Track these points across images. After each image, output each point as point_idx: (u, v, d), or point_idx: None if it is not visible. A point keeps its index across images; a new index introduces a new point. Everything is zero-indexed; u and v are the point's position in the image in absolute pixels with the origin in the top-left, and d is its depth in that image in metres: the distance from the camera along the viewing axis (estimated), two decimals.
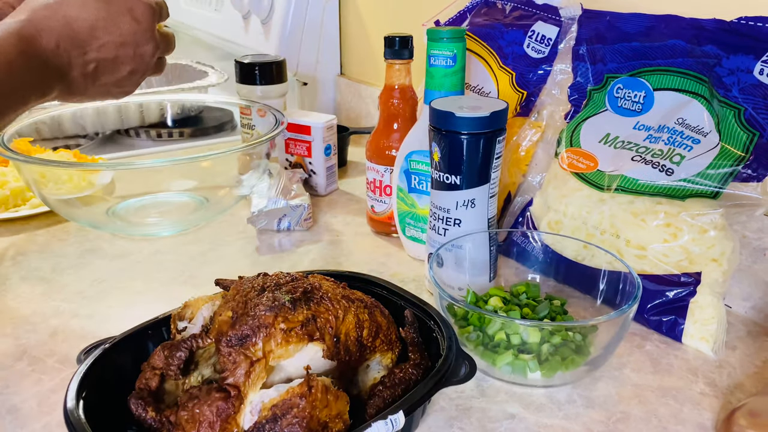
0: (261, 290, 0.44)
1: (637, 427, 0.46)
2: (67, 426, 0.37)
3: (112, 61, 0.54)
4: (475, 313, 0.51)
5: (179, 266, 0.70)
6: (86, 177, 0.77)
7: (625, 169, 0.58)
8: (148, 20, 0.55)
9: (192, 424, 0.37)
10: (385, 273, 0.68)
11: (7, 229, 0.78)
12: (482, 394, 0.49)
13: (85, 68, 0.53)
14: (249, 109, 0.89)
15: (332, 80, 1.28)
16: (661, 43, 0.60)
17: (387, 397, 0.42)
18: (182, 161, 0.68)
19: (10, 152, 0.67)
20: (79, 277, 0.67)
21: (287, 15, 1.16)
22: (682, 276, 0.55)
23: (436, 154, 0.58)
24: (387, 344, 0.46)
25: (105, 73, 0.55)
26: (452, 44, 0.59)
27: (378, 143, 0.74)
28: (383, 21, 1.13)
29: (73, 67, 0.53)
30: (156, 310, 0.50)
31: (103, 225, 0.78)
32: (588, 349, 0.49)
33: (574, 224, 0.61)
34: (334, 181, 0.93)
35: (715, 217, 0.53)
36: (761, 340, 0.56)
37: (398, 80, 0.72)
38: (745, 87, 0.54)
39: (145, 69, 0.58)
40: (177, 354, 0.42)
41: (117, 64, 0.55)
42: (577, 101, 0.67)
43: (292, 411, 0.37)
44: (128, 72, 0.56)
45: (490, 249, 0.60)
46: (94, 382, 0.42)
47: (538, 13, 0.73)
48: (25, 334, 0.57)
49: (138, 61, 0.56)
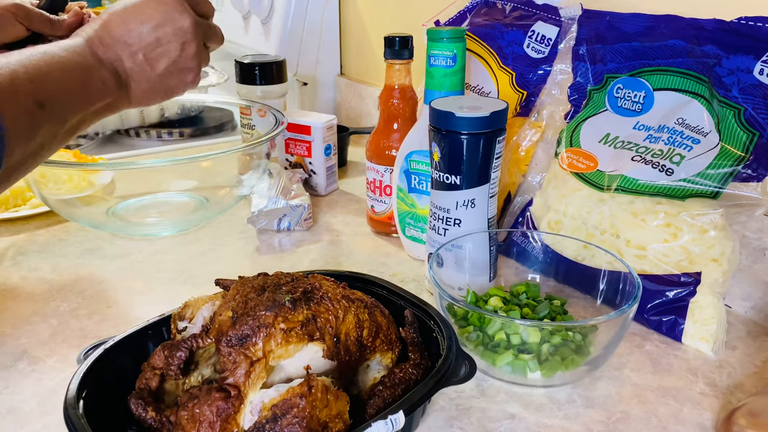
0: (261, 290, 0.44)
1: (637, 427, 0.46)
2: (67, 426, 0.37)
3: (155, 44, 0.56)
4: (475, 313, 0.51)
5: (179, 266, 0.70)
6: (86, 177, 0.77)
7: (625, 169, 0.58)
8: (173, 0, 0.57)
9: (192, 424, 0.37)
10: (385, 273, 0.68)
11: (7, 229, 0.79)
12: (482, 394, 0.49)
13: (135, 59, 0.55)
14: (249, 109, 0.89)
15: (332, 80, 1.28)
16: (661, 43, 0.60)
17: (387, 397, 0.42)
18: (182, 161, 0.69)
19: None
20: (79, 277, 0.67)
21: (287, 15, 1.16)
22: (682, 276, 0.55)
23: (436, 154, 0.58)
24: (387, 344, 0.46)
25: (156, 58, 0.56)
26: (452, 44, 0.59)
27: (378, 143, 0.74)
28: (383, 21, 1.13)
29: (124, 59, 0.55)
30: (156, 310, 0.50)
31: (103, 225, 0.78)
32: (588, 349, 0.49)
33: (574, 224, 0.61)
34: (334, 181, 0.93)
35: (715, 217, 0.53)
36: (761, 340, 0.56)
37: (398, 80, 0.72)
38: (745, 87, 0.54)
39: (195, 43, 0.58)
40: (177, 354, 0.42)
41: (163, 45, 0.56)
42: (577, 101, 0.67)
43: (292, 411, 0.37)
44: (179, 50, 0.57)
45: (490, 249, 0.60)
46: (94, 382, 0.42)
47: (538, 13, 0.73)
48: (25, 334, 0.57)
49: (182, 36, 0.57)
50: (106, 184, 0.80)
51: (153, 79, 0.57)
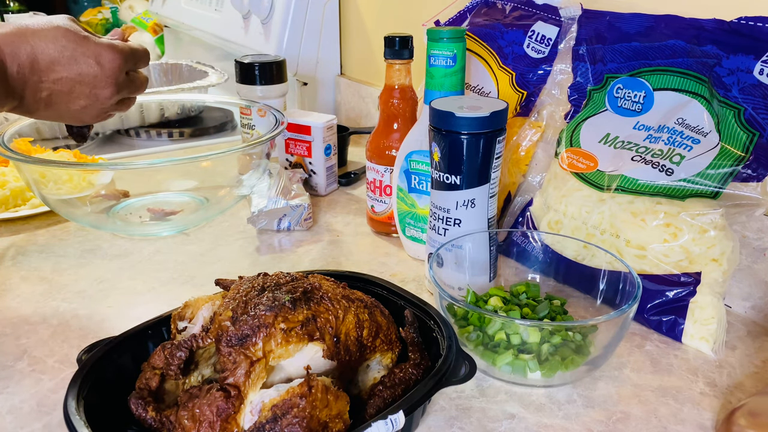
0: (261, 290, 0.44)
1: (637, 427, 0.46)
2: (67, 426, 0.37)
3: (66, 94, 0.57)
4: (475, 313, 0.50)
5: (179, 266, 0.70)
6: (86, 177, 0.77)
7: (625, 169, 0.58)
8: (113, 69, 0.58)
9: (192, 424, 0.37)
10: (385, 273, 0.68)
11: (7, 229, 0.79)
12: (482, 394, 0.49)
13: (38, 94, 0.56)
14: (249, 109, 0.89)
15: (332, 80, 1.28)
16: (661, 43, 0.60)
17: (387, 397, 0.42)
18: (182, 161, 0.68)
19: (10, 152, 0.67)
20: (79, 277, 0.67)
21: (287, 15, 1.16)
22: (682, 276, 0.55)
23: (436, 154, 0.58)
24: (387, 344, 0.46)
25: (58, 102, 0.57)
26: (452, 44, 0.59)
27: (378, 143, 0.74)
28: (383, 21, 1.13)
29: (27, 90, 0.55)
30: (156, 310, 0.50)
31: (103, 225, 0.78)
32: (588, 349, 0.49)
33: (574, 224, 0.61)
34: (334, 181, 0.93)
35: (715, 217, 0.53)
36: (761, 340, 0.56)
37: (398, 80, 0.72)
38: (745, 87, 0.54)
39: (101, 107, 0.60)
40: (177, 354, 0.42)
41: (71, 98, 0.57)
42: (577, 101, 0.67)
43: (292, 411, 0.37)
44: (81, 107, 0.59)
45: (490, 249, 0.60)
46: (94, 382, 0.42)
47: (538, 13, 0.73)
48: (25, 334, 0.57)
49: (93, 100, 0.59)
50: (106, 184, 0.80)
51: (40, 111, 0.58)
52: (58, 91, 0.56)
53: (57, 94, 0.56)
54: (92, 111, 0.60)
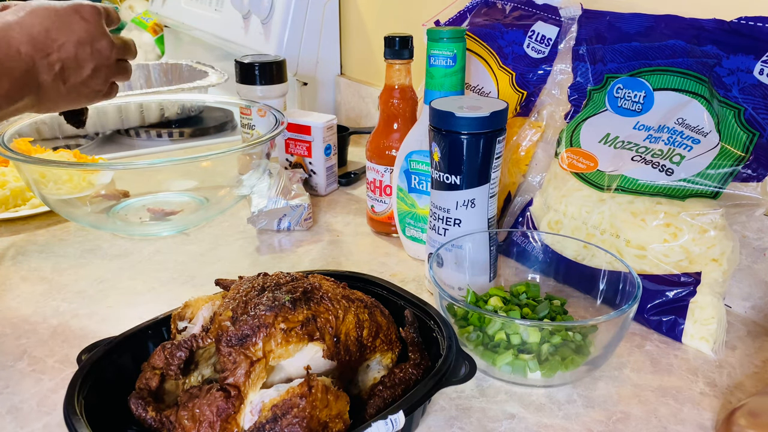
0: (261, 290, 0.44)
1: (637, 427, 0.46)
2: (67, 426, 0.37)
3: (74, 59, 0.57)
4: (475, 313, 0.50)
5: (179, 266, 0.70)
6: (86, 177, 0.77)
7: (625, 169, 0.58)
8: (96, 19, 0.58)
9: (192, 424, 0.37)
10: (385, 273, 0.68)
11: (7, 229, 0.79)
12: (482, 394, 0.49)
13: (52, 69, 0.55)
14: (249, 109, 0.89)
15: (332, 80, 1.28)
16: (661, 43, 0.60)
17: (387, 397, 0.42)
18: (182, 161, 0.68)
19: (10, 152, 0.67)
20: (79, 277, 0.67)
21: (287, 15, 1.16)
22: (682, 276, 0.55)
23: (436, 154, 0.58)
24: (387, 344, 0.46)
25: (71, 72, 0.57)
26: (452, 44, 0.59)
27: (378, 143, 0.74)
28: (383, 21, 1.13)
29: (40, 70, 0.55)
30: (156, 310, 0.50)
31: (103, 225, 0.78)
32: (588, 349, 0.49)
33: (574, 224, 0.61)
34: (334, 181, 0.93)
35: (715, 217, 0.53)
36: (761, 340, 0.56)
37: (398, 80, 0.72)
38: (745, 87, 0.54)
39: (108, 66, 0.60)
40: (177, 354, 0.42)
41: (79, 62, 0.57)
42: (577, 101, 0.67)
43: (292, 411, 0.37)
44: (92, 70, 0.59)
45: (490, 249, 0.60)
46: (94, 382, 0.42)
47: (538, 13, 0.73)
48: (25, 334, 0.57)
49: (98, 57, 0.59)
50: (106, 184, 0.80)
51: (60, 91, 0.57)
52: (66, 58, 0.56)
53: (67, 63, 0.56)
54: (101, 73, 0.60)
